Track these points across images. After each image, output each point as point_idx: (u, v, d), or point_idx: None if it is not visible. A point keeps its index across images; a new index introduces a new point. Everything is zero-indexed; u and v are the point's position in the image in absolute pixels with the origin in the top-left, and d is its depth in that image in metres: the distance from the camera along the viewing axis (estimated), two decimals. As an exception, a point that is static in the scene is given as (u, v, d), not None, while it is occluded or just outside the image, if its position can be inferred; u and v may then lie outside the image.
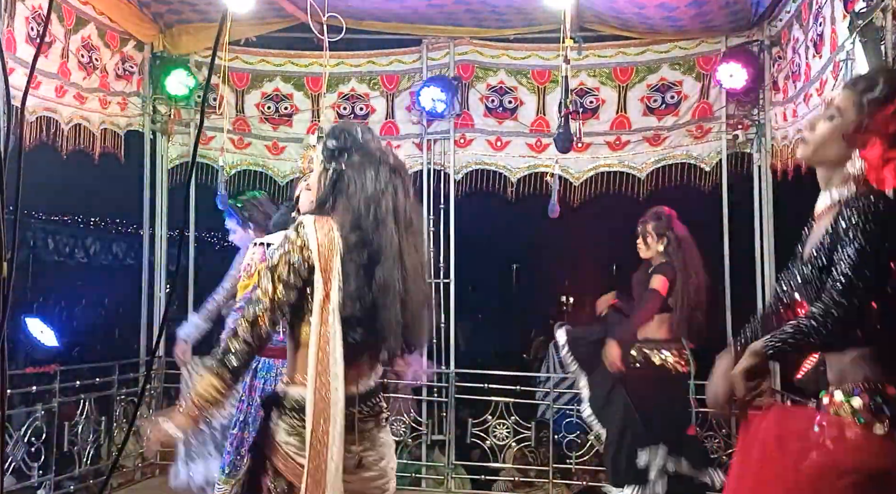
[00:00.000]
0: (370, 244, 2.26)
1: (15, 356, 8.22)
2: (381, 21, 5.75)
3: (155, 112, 6.08)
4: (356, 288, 2.23)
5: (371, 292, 2.24)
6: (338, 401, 2.23)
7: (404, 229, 2.32)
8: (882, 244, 1.91)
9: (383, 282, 2.24)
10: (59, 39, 4.97)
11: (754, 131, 5.50)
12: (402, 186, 2.37)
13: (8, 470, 4.68)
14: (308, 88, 6.15)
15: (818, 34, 4.20)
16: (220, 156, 5.86)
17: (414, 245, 2.36)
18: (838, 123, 2.05)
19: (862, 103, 2.02)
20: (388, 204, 2.31)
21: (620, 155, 5.79)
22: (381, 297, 2.24)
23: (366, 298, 2.24)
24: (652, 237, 4.69)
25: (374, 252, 2.25)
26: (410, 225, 2.36)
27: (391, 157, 2.40)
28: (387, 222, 2.29)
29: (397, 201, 2.33)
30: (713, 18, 5.31)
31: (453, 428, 5.78)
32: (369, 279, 2.25)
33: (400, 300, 2.27)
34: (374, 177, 2.32)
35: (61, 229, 12.55)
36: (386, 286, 2.24)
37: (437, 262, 5.94)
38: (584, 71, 5.76)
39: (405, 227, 2.33)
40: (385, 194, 2.31)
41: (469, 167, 5.99)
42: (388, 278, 2.25)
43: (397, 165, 2.40)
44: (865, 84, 2.06)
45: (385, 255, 2.26)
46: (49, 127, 4.99)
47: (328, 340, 2.22)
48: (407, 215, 2.35)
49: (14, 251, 1.17)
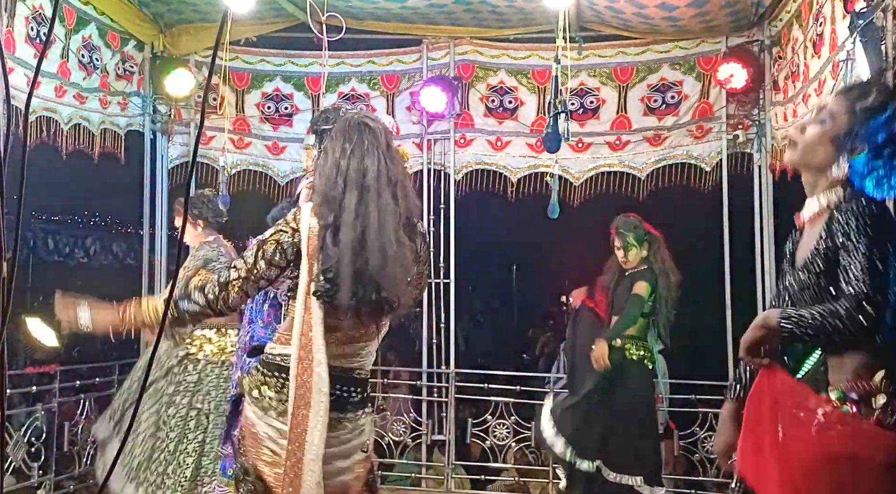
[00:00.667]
0: (337, 210, 2.26)
1: (15, 356, 8.22)
2: (381, 21, 5.75)
3: (155, 112, 6.08)
4: (327, 257, 2.24)
5: (338, 254, 2.24)
6: (321, 388, 2.24)
7: (377, 186, 2.28)
8: (886, 244, 1.92)
9: (344, 240, 2.23)
10: (60, 39, 4.97)
11: (754, 131, 5.50)
12: (373, 143, 2.32)
13: (8, 470, 4.68)
14: (308, 87, 6.15)
15: (818, 34, 4.20)
16: (221, 156, 5.87)
17: (390, 199, 2.29)
18: (829, 127, 2.07)
19: (854, 110, 2.03)
20: (356, 165, 2.28)
21: (620, 155, 5.79)
22: (343, 254, 2.23)
23: (334, 261, 2.24)
24: (636, 248, 4.73)
25: (339, 215, 2.26)
26: (387, 181, 2.30)
27: (368, 119, 2.38)
28: (354, 184, 2.26)
29: (366, 160, 2.29)
30: (713, 18, 5.31)
31: (453, 428, 5.78)
32: (336, 242, 2.25)
33: (370, 258, 2.23)
34: (342, 143, 2.32)
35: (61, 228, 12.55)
36: (347, 244, 2.23)
37: (437, 262, 5.94)
38: (585, 71, 5.76)
39: (379, 184, 2.28)
40: (353, 157, 2.29)
41: (469, 167, 5.99)
42: (350, 236, 2.23)
43: (371, 125, 2.36)
44: (859, 92, 2.08)
45: (349, 215, 2.24)
46: (49, 127, 4.99)
47: (311, 326, 2.26)
48: (380, 171, 2.30)
49: (15, 251, 1.17)
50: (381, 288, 2.24)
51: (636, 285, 4.66)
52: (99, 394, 5.56)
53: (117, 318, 2.36)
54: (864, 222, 1.93)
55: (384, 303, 2.28)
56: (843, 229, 1.95)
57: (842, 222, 1.96)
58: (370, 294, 2.24)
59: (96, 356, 8.86)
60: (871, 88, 2.08)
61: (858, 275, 1.89)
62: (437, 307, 5.95)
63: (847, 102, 2.06)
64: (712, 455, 5.46)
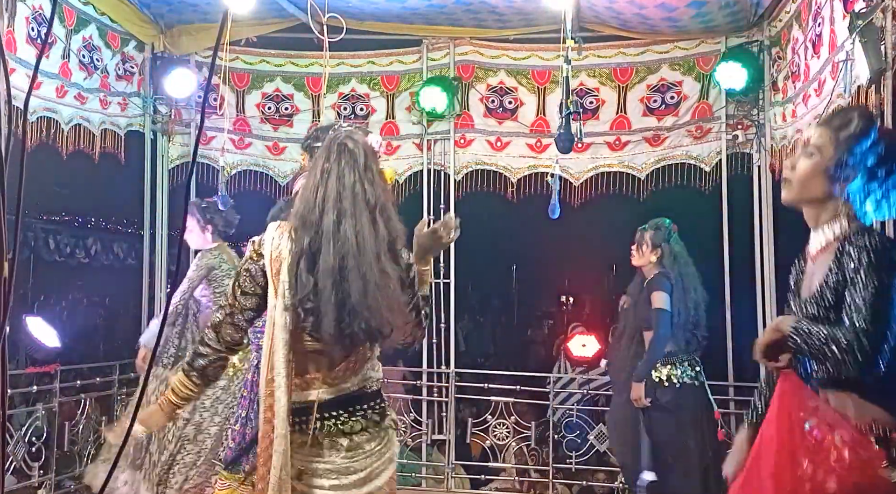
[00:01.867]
0: (315, 234, 2.21)
1: (16, 356, 8.23)
2: (381, 21, 5.76)
3: (155, 112, 6.08)
4: (303, 284, 2.20)
5: (315, 282, 2.18)
6: (280, 410, 2.22)
7: (353, 209, 2.21)
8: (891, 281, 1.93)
9: (324, 267, 2.18)
10: (60, 40, 4.97)
11: (754, 131, 5.50)
12: (350, 164, 2.25)
13: (9, 470, 4.68)
14: (308, 88, 6.16)
15: (817, 34, 4.20)
16: (221, 156, 5.87)
17: (367, 223, 2.21)
18: (818, 160, 2.09)
19: (839, 139, 2.07)
20: (333, 187, 2.23)
21: (620, 155, 5.79)
22: (322, 282, 2.17)
23: (312, 289, 2.19)
24: (647, 246, 4.67)
25: (316, 240, 2.21)
26: (364, 204, 2.22)
27: (350, 140, 2.30)
28: (331, 207, 2.21)
29: (342, 182, 2.23)
30: (713, 18, 5.31)
31: (453, 428, 5.79)
32: (314, 268, 2.20)
33: (351, 285, 2.16)
34: (322, 164, 2.27)
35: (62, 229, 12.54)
36: (326, 271, 2.17)
37: (437, 262, 5.95)
38: (584, 71, 5.76)
39: (355, 207, 2.21)
40: (329, 178, 2.24)
41: (469, 167, 6.00)
42: (329, 264, 2.17)
43: (349, 145, 2.28)
44: (840, 121, 2.11)
45: (326, 240, 2.19)
46: (49, 127, 5.00)
47: (274, 352, 2.24)
48: (356, 193, 2.22)
49: (15, 252, 1.17)
50: (364, 317, 2.16)
51: (653, 296, 4.57)
52: (99, 394, 5.58)
53: (161, 411, 2.38)
54: (874, 258, 1.93)
55: (373, 333, 2.21)
56: (854, 264, 1.95)
57: (853, 256, 1.96)
58: (355, 324, 2.17)
59: (96, 356, 8.88)
60: (851, 115, 2.12)
61: (861, 309, 1.90)
62: (437, 307, 5.95)
63: (831, 132, 2.09)
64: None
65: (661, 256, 4.65)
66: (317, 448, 2.28)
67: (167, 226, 6.24)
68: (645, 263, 4.69)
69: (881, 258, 1.94)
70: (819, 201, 2.10)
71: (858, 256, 1.95)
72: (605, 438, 5.62)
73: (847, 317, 1.92)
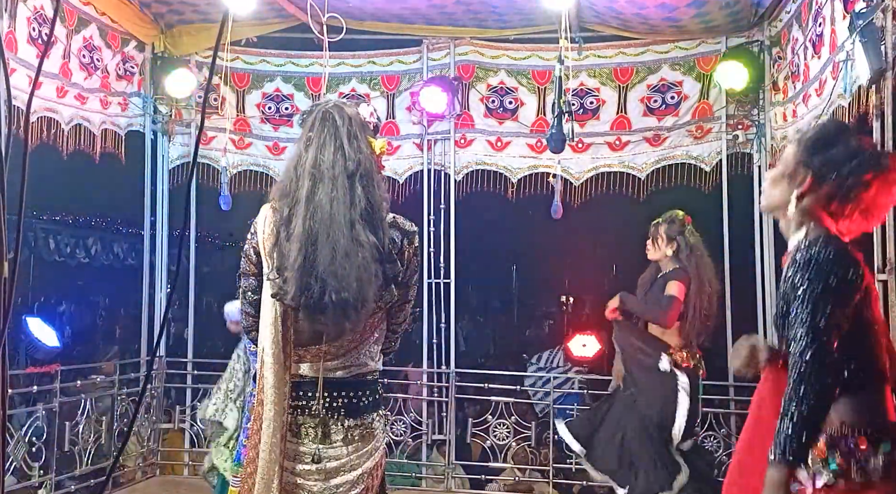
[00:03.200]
0: (291, 202, 2.20)
1: (16, 356, 8.22)
2: (381, 21, 5.76)
3: (156, 112, 6.08)
4: (280, 253, 2.19)
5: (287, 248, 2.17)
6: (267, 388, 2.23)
7: (331, 175, 2.18)
8: (825, 297, 1.92)
9: (295, 233, 2.16)
10: (61, 40, 4.97)
11: (754, 131, 5.51)
12: (332, 132, 2.23)
13: (9, 470, 4.68)
14: (308, 88, 6.16)
15: (817, 35, 4.20)
16: (221, 156, 5.87)
17: (344, 190, 2.17)
18: (781, 168, 2.15)
19: (799, 147, 2.12)
20: (312, 155, 2.21)
21: (621, 155, 5.79)
22: (292, 248, 2.15)
23: (285, 258, 2.18)
24: (662, 239, 4.63)
25: (292, 208, 2.20)
26: (343, 171, 2.19)
27: (335, 109, 2.28)
28: (306, 175, 2.19)
29: (322, 151, 2.21)
30: (713, 18, 5.31)
31: (453, 428, 5.79)
32: (288, 237, 2.19)
33: (319, 251, 2.12)
34: (306, 134, 2.27)
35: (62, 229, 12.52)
36: (296, 237, 2.15)
37: (437, 262, 5.95)
38: (585, 71, 5.77)
39: (333, 173, 2.18)
40: (310, 147, 2.23)
41: (469, 167, 6.00)
42: (299, 230, 2.15)
43: (334, 114, 2.26)
44: (806, 131, 2.18)
45: (300, 207, 2.17)
46: (50, 127, 5.00)
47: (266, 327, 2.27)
48: (335, 161, 2.19)
49: (17, 251, 1.17)
50: (332, 286, 2.10)
51: (669, 284, 4.53)
52: (99, 394, 5.58)
53: None
54: (805, 273, 1.95)
55: (344, 303, 2.12)
56: (795, 279, 1.97)
57: (792, 270, 1.99)
58: (322, 293, 2.10)
59: (97, 356, 8.87)
60: (819, 124, 2.22)
61: (797, 335, 1.92)
62: (437, 307, 5.95)
63: (795, 140, 2.16)
64: (712, 454, 5.47)
65: (677, 249, 4.63)
66: (295, 427, 2.28)
67: (167, 226, 6.24)
68: (661, 256, 4.66)
69: (818, 272, 1.93)
70: (783, 209, 2.11)
71: (798, 269, 1.97)
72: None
73: (792, 342, 1.95)
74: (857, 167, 2.01)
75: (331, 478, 2.27)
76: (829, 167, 2.04)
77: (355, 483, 2.29)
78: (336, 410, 2.28)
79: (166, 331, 5.25)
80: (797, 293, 1.94)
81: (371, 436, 2.33)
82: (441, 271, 5.93)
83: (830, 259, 1.94)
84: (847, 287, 1.94)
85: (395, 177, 6.00)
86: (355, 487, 2.29)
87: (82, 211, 12.63)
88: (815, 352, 1.89)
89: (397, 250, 2.28)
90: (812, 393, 1.86)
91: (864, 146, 2.08)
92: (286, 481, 2.26)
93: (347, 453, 2.28)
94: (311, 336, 2.26)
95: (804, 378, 1.88)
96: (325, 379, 2.28)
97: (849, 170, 2.02)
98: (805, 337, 1.90)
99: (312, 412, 2.26)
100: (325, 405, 2.27)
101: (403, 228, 2.32)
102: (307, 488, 2.27)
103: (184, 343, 6.52)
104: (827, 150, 2.06)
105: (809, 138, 2.12)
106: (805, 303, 1.92)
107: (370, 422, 2.33)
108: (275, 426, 2.20)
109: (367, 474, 2.31)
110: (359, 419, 2.30)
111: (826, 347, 1.90)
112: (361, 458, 2.30)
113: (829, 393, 1.89)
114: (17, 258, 1.16)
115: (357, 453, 2.29)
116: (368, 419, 2.33)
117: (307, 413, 2.27)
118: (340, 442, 2.28)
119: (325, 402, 2.27)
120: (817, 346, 1.89)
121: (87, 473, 5.32)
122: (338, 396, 2.28)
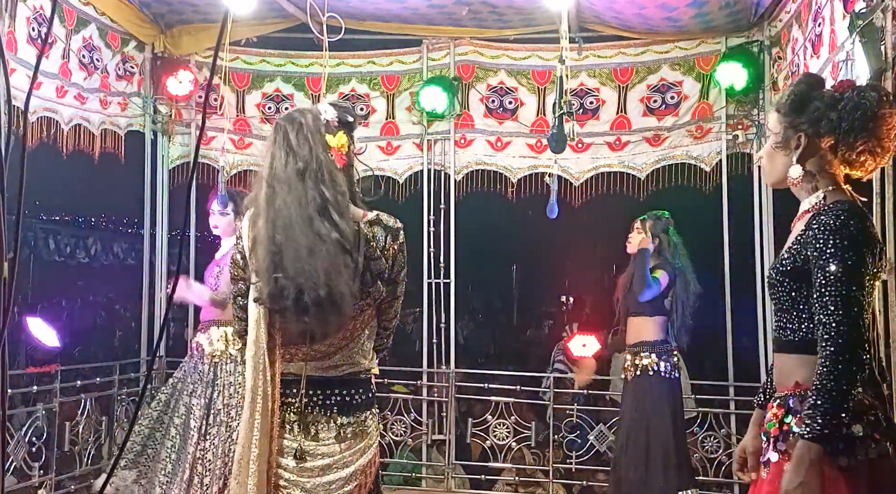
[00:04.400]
0: (256, 212, 2.26)
1: (16, 356, 8.23)
2: (381, 21, 5.76)
3: (156, 112, 6.08)
4: (255, 258, 2.25)
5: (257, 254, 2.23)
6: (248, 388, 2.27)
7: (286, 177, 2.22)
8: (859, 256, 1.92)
9: (260, 238, 2.22)
10: (61, 40, 4.97)
11: (754, 131, 5.50)
12: (284, 136, 2.27)
13: (9, 470, 4.68)
14: (308, 88, 6.16)
15: (817, 35, 4.20)
16: (221, 156, 5.87)
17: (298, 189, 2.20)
18: (772, 139, 2.16)
19: (778, 109, 2.13)
20: (269, 162, 2.27)
21: (620, 155, 5.79)
22: (260, 252, 2.22)
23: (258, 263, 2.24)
24: (646, 235, 4.72)
25: (258, 214, 2.26)
26: (296, 171, 2.22)
27: (288, 114, 2.36)
28: (264, 182, 2.25)
29: (277, 154, 2.25)
30: (713, 18, 5.31)
31: (453, 428, 5.79)
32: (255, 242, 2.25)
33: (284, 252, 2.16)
34: (266, 147, 2.33)
35: (62, 229, 12.55)
36: (262, 241, 2.21)
37: (437, 262, 5.95)
38: (584, 71, 5.77)
39: (287, 174, 2.22)
40: (268, 154, 2.28)
41: (469, 168, 6.00)
42: (263, 234, 2.21)
43: (285, 119, 2.33)
44: (779, 98, 2.21)
45: (262, 212, 2.23)
46: (49, 127, 5.00)
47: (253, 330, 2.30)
48: (288, 162, 2.23)
49: (16, 252, 1.17)
50: (301, 283, 2.14)
51: (655, 271, 4.67)
52: (99, 394, 5.57)
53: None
54: (838, 240, 1.93)
55: (320, 301, 2.15)
56: (818, 242, 1.95)
57: (815, 232, 1.97)
58: (299, 293, 2.15)
59: (97, 356, 8.88)
60: (788, 88, 2.19)
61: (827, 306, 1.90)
62: (437, 307, 5.95)
63: (773, 109, 2.18)
64: (712, 454, 5.48)
65: (660, 246, 4.71)
66: (286, 424, 2.30)
67: (167, 226, 6.24)
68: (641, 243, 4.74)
69: (853, 243, 1.92)
70: (791, 177, 2.11)
71: (818, 234, 1.96)
72: (605, 438, 5.62)
73: (817, 318, 1.93)
74: (845, 111, 2.01)
75: (323, 475, 2.29)
76: (818, 121, 2.04)
77: (348, 480, 2.30)
78: (329, 408, 2.30)
79: (166, 331, 5.23)
80: (825, 259, 1.92)
81: (364, 434, 2.35)
82: (441, 271, 5.93)
83: (862, 229, 1.95)
84: (875, 260, 1.95)
85: (395, 177, 6.00)
86: (348, 484, 2.31)
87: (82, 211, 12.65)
88: (853, 325, 1.87)
89: (381, 247, 2.30)
90: (849, 368, 1.85)
91: (843, 89, 2.07)
92: (279, 477, 2.29)
93: (340, 450, 2.30)
94: (300, 336, 2.29)
95: (841, 352, 1.86)
96: (318, 378, 2.31)
97: (838, 116, 2.01)
98: (841, 309, 1.88)
99: (295, 410, 2.31)
100: (316, 403, 2.30)
101: (387, 224, 2.34)
102: (300, 484, 2.29)
103: (184, 343, 6.52)
104: (808, 105, 2.06)
105: (787, 102, 2.12)
106: (840, 273, 1.90)
107: (363, 420, 2.35)
108: (257, 426, 2.25)
109: (360, 471, 2.33)
110: (352, 416, 2.32)
111: (863, 320, 1.89)
112: (354, 455, 2.32)
113: (864, 367, 1.88)
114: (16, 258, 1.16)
115: (350, 450, 2.31)
116: (362, 417, 2.35)
117: (291, 410, 2.31)
118: (333, 440, 2.30)
119: (317, 400, 2.31)
120: (853, 319, 1.88)
121: (87, 473, 5.32)
122: (331, 394, 2.31)
